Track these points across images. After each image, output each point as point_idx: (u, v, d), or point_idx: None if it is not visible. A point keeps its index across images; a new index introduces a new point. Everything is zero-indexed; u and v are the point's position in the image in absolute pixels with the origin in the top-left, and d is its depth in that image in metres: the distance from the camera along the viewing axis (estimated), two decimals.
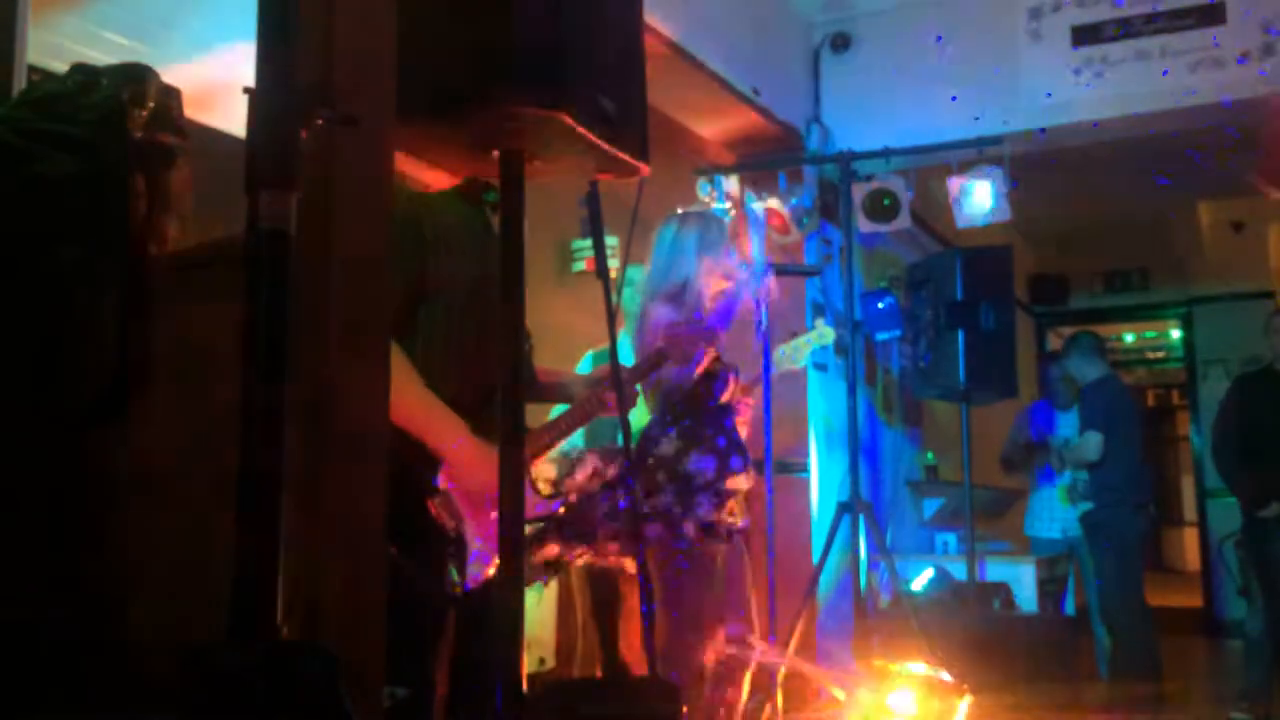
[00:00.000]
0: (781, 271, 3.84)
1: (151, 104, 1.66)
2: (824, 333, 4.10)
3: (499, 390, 1.67)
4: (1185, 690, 5.69)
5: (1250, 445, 5.17)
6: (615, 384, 2.46)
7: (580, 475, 2.98)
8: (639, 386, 3.05)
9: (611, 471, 2.98)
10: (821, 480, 5.75)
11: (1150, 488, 5.93)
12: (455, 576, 2.10)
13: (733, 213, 5.42)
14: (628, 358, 3.20)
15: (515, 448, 1.66)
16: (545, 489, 2.84)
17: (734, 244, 3.43)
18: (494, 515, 2.12)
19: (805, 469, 5.65)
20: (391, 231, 2.02)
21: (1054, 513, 6.12)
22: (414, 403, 2.06)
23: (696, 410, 3.18)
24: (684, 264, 3.27)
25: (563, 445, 2.97)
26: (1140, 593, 5.62)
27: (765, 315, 3.71)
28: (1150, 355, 11.47)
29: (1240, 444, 5.23)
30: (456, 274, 2.14)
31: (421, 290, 2.10)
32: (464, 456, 2.11)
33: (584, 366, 4.04)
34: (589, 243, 3.71)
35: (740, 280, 3.41)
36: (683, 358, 2.97)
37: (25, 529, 1.64)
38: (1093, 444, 5.59)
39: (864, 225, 5.35)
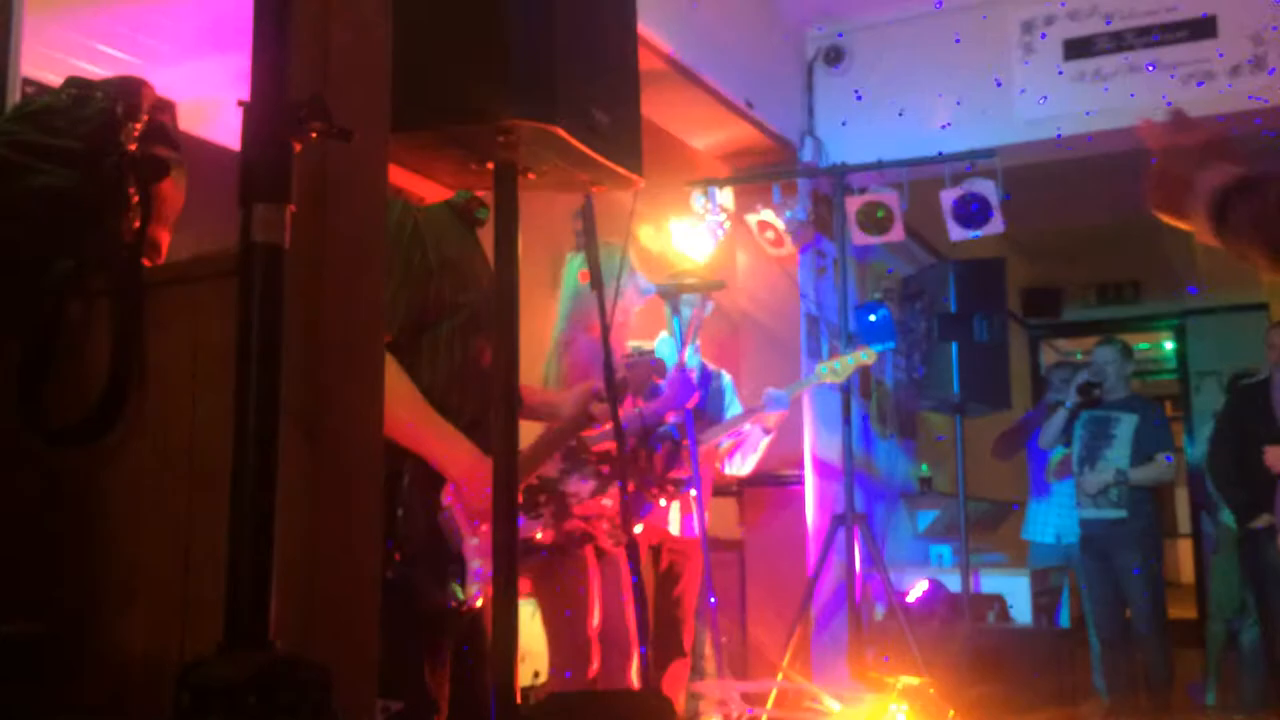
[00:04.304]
0: (690, 289, 3.89)
1: (146, 117, 1.67)
2: (868, 354, 4.45)
3: (492, 404, 1.68)
4: (1180, 702, 5.68)
5: (1244, 457, 5.17)
6: (610, 390, 2.46)
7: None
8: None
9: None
10: (816, 492, 5.75)
11: None
12: (460, 594, 2.10)
13: (727, 225, 5.44)
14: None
15: (509, 459, 1.66)
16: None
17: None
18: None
19: (800, 480, 5.65)
20: (397, 257, 2.04)
21: (1048, 519, 6.10)
22: (416, 420, 2.06)
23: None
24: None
25: None
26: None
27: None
28: (1143, 367, 11.49)
29: (1234, 455, 5.24)
30: (459, 298, 2.15)
31: (426, 316, 2.11)
32: (468, 472, 2.11)
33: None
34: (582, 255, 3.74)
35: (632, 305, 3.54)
36: (638, 388, 3.33)
37: (15, 543, 1.64)
38: (1171, 466, 5.56)
39: (857, 238, 5.36)
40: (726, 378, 4.47)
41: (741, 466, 4.43)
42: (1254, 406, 5.25)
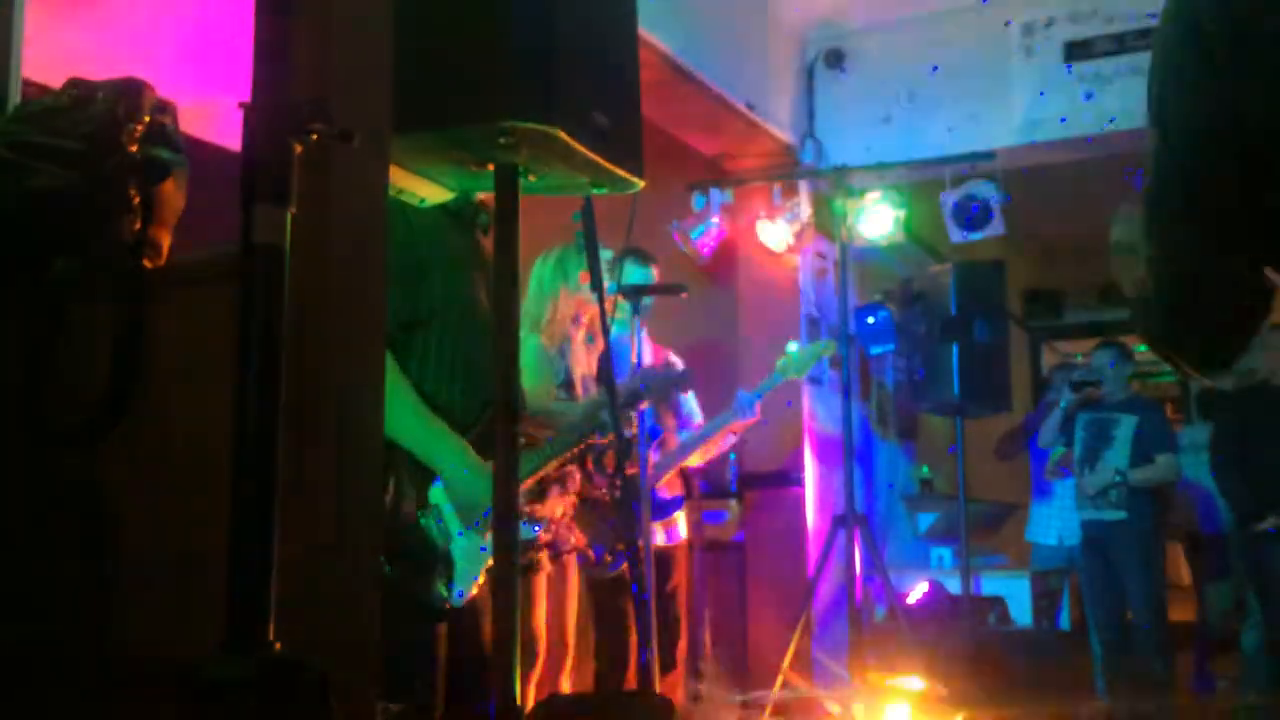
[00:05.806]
0: (650, 291, 3.83)
1: (147, 118, 1.67)
2: (826, 345, 4.27)
3: (492, 406, 1.68)
4: (1182, 706, 5.67)
5: (1247, 458, 5.15)
6: (610, 393, 2.46)
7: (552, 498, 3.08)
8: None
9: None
10: (816, 494, 5.76)
11: None
12: (444, 592, 2.10)
13: (727, 227, 5.43)
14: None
15: (509, 459, 1.66)
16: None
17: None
18: (488, 536, 2.13)
19: (800, 481, 5.65)
20: (389, 256, 2.05)
21: (1050, 520, 6.10)
22: (410, 420, 2.08)
23: None
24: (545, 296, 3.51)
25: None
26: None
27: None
28: (1144, 369, 11.48)
29: (1238, 457, 5.22)
30: (449, 298, 2.16)
31: (417, 314, 2.12)
32: (457, 470, 2.12)
33: None
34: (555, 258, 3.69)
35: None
36: (659, 399, 3.36)
37: (15, 543, 1.64)
38: (1172, 467, 5.53)
39: (858, 239, 5.36)
40: (674, 358, 4.25)
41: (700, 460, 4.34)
42: (1256, 408, 5.24)
